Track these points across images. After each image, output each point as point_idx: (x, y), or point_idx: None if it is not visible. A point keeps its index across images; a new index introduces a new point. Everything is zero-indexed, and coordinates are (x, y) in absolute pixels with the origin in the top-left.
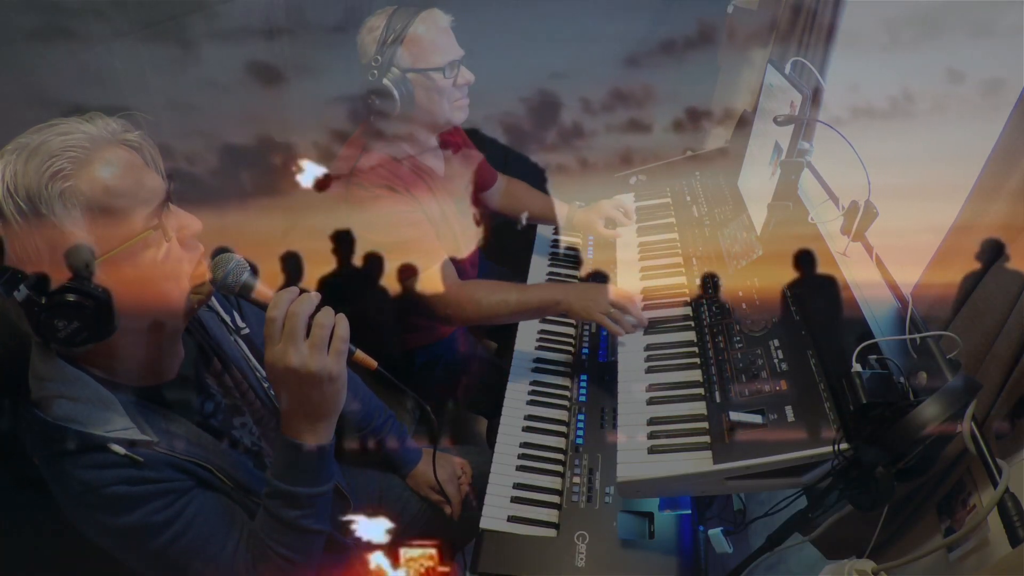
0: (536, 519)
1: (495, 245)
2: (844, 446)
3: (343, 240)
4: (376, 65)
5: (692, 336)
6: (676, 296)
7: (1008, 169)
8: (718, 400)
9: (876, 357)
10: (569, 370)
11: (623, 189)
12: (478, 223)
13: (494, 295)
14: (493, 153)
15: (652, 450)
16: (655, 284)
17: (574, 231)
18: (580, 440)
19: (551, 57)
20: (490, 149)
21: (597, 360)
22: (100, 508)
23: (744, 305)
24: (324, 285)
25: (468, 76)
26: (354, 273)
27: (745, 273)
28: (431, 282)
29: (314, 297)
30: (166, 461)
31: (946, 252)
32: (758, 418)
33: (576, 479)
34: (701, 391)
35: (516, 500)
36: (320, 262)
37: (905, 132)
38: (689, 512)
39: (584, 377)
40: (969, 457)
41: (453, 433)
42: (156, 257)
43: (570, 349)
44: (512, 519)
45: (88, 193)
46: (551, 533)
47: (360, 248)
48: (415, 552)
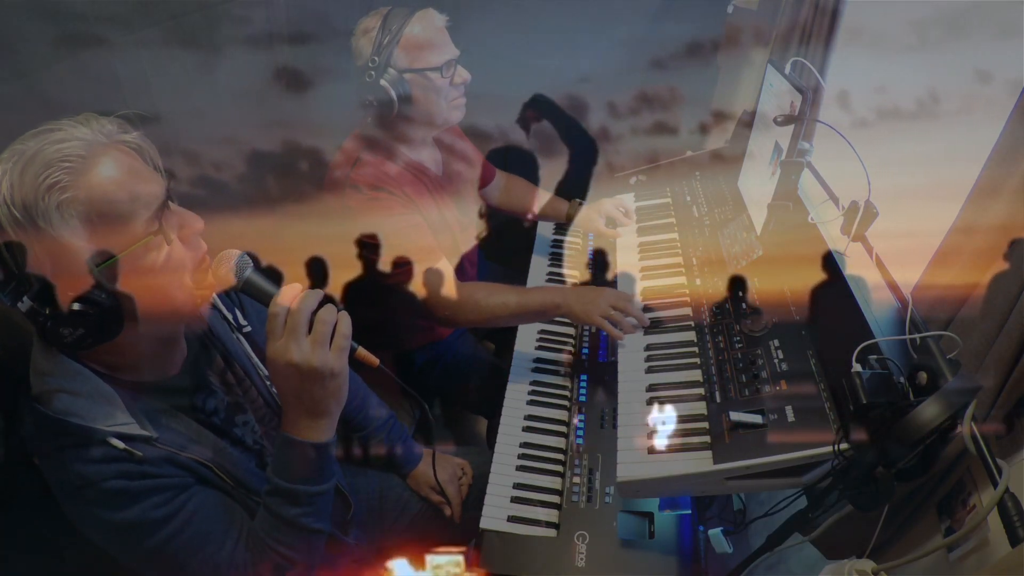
0: (536, 519)
1: (495, 245)
2: (844, 446)
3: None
4: (373, 66)
5: (692, 336)
6: (676, 296)
7: (1008, 169)
8: (718, 400)
9: (876, 357)
10: (569, 370)
11: (623, 189)
12: (482, 217)
13: (493, 297)
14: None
15: (652, 450)
16: (655, 284)
17: (574, 228)
18: (580, 440)
19: (577, 61)
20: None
21: (597, 360)
22: (98, 503)
23: (744, 305)
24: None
25: (465, 75)
26: (353, 274)
27: (745, 273)
28: (429, 284)
29: (317, 294)
30: (166, 457)
31: (946, 252)
32: (758, 418)
33: (576, 479)
34: (701, 391)
35: (516, 500)
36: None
37: (904, 132)
38: (689, 512)
39: (584, 377)
40: (969, 457)
41: (453, 433)
42: (158, 260)
43: (570, 349)
44: (512, 519)
45: (86, 202)
46: (551, 533)
47: (359, 251)
48: (442, 559)
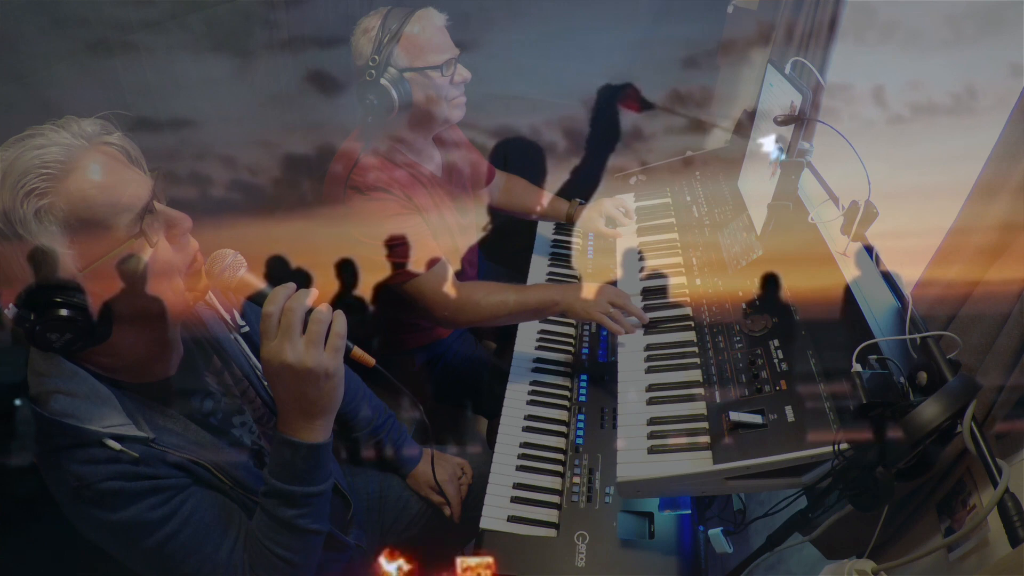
0: (536, 519)
1: (495, 245)
2: (844, 446)
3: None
4: (373, 65)
5: (692, 336)
6: (676, 296)
7: (1009, 168)
8: (718, 400)
9: (876, 357)
10: (569, 370)
11: (623, 189)
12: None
13: (492, 296)
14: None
15: (652, 450)
16: (655, 284)
17: (574, 228)
18: (580, 440)
19: (611, 59)
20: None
21: (597, 360)
22: (95, 503)
23: (744, 305)
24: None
25: (465, 74)
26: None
27: (745, 273)
28: (428, 284)
29: (311, 293)
30: (162, 458)
31: (946, 252)
32: (758, 418)
33: (576, 479)
34: (701, 391)
35: (516, 500)
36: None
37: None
38: (689, 512)
39: (584, 377)
40: (969, 457)
41: (453, 433)
42: (138, 266)
43: (570, 349)
44: (512, 519)
45: (66, 208)
46: (551, 533)
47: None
48: (472, 561)
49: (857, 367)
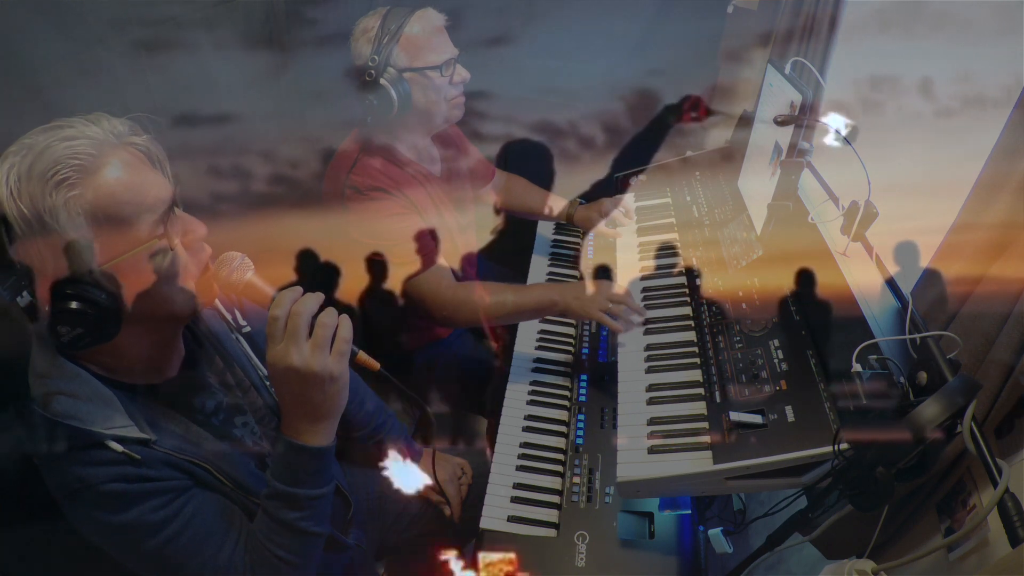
0: (536, 519)
1: (495, 245)
2: (844, 446)
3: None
4: (373, 66)
5: (692, 336)
6: (676, 296)
7: (1008, 168)
8: (718, 400)
9: (876, 357)
10: (569, 370)
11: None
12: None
13: (491, 297)
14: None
15: (652, 450)
16: (655, 284)
17: (574, 228)
18: (580, 440)
19: (648, 56)
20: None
21: (597, 360)
22: (96, 505)
23: (744, 305)
24: (324, 287)
25: (464, 74)
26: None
27: (745, 273)
28: (427, 284)
29: (318, 297)
30: (164, 459)
31: (946, 252)
32: (758, 418)
33: (576, 479)
34: (701, 391)
35: (516, 500)
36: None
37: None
38: (689, 512)
39: (584, 377)
40: (969, 457)
41: (453, 433)
42: (162, 264)
43: (570, 349)
44: (512, 519)
45: (93, 201)
46: (551, 533)
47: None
48: (494, 556)
49: (857, 367)
